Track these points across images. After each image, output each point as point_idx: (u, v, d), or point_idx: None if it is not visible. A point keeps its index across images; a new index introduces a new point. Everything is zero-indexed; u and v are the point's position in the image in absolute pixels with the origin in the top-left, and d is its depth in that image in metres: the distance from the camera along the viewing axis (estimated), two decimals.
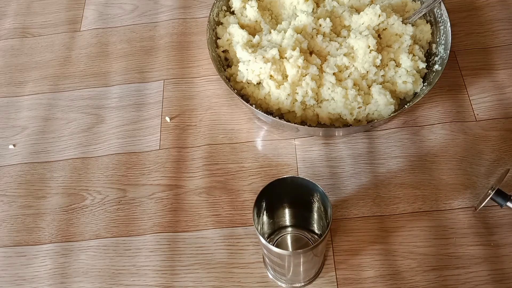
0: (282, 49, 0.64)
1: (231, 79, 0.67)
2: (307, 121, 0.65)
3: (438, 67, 0.65)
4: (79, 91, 0.74)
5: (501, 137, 0.64)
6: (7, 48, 0.80)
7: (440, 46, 0.67)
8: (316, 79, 0.63)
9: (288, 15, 0.72)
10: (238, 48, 0.65)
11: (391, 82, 0.65)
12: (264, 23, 0.70)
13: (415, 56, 0.66)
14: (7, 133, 0.71)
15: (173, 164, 0.66)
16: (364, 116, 0.63)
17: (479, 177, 0.61)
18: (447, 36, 0.66)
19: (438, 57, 0.66)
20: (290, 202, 0.53)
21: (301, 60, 0.62)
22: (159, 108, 0.71)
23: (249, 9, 0.70)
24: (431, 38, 0.69)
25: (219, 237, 0.60)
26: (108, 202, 0.63)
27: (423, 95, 0.62)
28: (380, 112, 0.63)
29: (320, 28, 0.67)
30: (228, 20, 0.71)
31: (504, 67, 0.71)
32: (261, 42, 0.67)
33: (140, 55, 0.77)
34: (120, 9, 0.83)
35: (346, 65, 0.65)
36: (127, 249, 0.60)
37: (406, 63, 0.65)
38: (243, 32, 0.67)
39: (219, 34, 0.71)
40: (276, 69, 0.63)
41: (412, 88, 0.64)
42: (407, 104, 0.64)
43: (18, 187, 0.66)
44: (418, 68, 0.66)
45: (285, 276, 0.54)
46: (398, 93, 0.65)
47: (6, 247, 0.61)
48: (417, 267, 0.56)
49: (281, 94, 0.63)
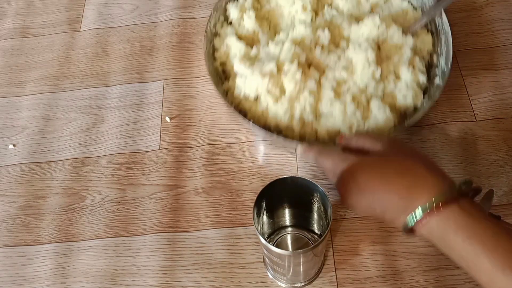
0: (280, 63, 0.63)
1: (229, 93, 0.66)
2: (306, 136, 0.63)
3: (439, 81, 0.63)
4: (79, 91, 0.74)
5: (501, 137, 0.64)
6: (7, 48, 0.80)
7: (441, 58, 0.65)
8: (315, 93, 0.62)
9: (287, 24, 0.70)
10: (236, 62, 0.64)
11: (390, 96, 0.63)
12: (262, 34, 0.69)
13: (416, 69, 0.64)
14: (7, 133, 0.71)
15: (173, 164, 0.66)
16: (363, 131, 0.61)
17: (479, 177, 0.61)
18: (448, 48, 0.64)
19: (439, 70, 0.64)
20: (290, 202, 0.53)
21: (299, 75, 0.61)
22: (159, 108, 0.71)
23: (247, 19, 0.69)
24: (432, 49, 0.67)
25: (219, 237, 0.60)
26: (108, 202, 0.63)
27: (423, 111, 0.60)
28: (379, 128, 0.61)
29: (319, 39, 0.65)
30: (226, 31, 0.69)
31: (504, 67, 0.71)
32: (259, 54, 0.66)
33: (140, 55, 0.77)
34: (120, 9, 0.83)
35: (344, 79, 0.63)
36: (127, 249, 0.60)
37: (406, 76, 0.63)
38: (241, 44, 0.66)
39: (216, 46, 0.69)
40: (273, 84, 0.61)
41: (412, 102, 0.62)
42: (407, 118, 0.62)
43: (18, 187, 0.66)
44: (418, 82, 0.64)
45: (285, 276, 0.54)
46: (398, 107, 0.63)
47: (6, 247, 0.61)
48: (417, 267, 0.56)
49: (279, 109, 0.61)
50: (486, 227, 0.39)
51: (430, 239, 0.42)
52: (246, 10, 0.70)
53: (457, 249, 0.40)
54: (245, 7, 0.71)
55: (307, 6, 0.69)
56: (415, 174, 0.43)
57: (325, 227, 0.48)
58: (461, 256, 0.40)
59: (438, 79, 0.63)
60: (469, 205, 0.41)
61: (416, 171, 0.43)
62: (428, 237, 0.42)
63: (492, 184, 0.61)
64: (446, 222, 0.40)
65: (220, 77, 0.68)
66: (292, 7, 0.70)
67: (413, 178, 0.43)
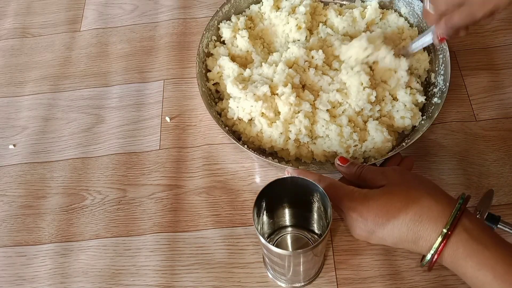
0: (273, 85, 0.62)
1: (222, 114, 0.65)
2: (302, 158, 0.62)
3: (437, 100, 0.62)
4: (79, 91, 0.74)
5: (501, 137, 0.64)
6: (7, 48, 0.80)
7: (439, 77, 0.64)
8: (309, 116, 0.61)
9: (281, 43, 0.70)
10: (229, 84, 0.63)
11: (388, 117, 0.63)
12: (256, 54, 0.68)
13: (413, 89, 0.63)
14: (7, 133, 0.71)
15: (173, 164, 0.66)
16: (361, 153, 0.61)
17: (479, 177, 0.61)
18: (447, 67, 0.63)
19: (437, 89, 0.63)
20: (290, 202, 0.53)
21: (293, 98, 0.60)
22: (159, 108, 0.71)
23: (240, 39, 0.68)
24: (429, 66, 0.67)
25: (219, 237, 0.60)
26: (108, 202, 0.63)
27: (422, 131, 0.59)
28: (377, 149, 0.60)
29: (313, 60, 0.65)
30: (219, 51, 0.69)
31: (504, 67, 0.71)
32: (252, 76, 0.65)
33: (140, 55, 0.77)
34: (120, 9, 0.83)
35: (339, 101, 0.62)
36: (127, 249, 0.60)
37: (404, 98, 0.62)
38: (234, 65, 0.65)
39: (209, 66, 0.68)
40: (267, 107, 0.61)
41: (411, 123, 0.62)
42: (405, 139, 0.62)
43: (18, 187, 0.66)
44: (416, 102, 0.63)
45: (285, 276, 0.54)
46: (395, 128, 0.63)
47: (6, 247, 0.61)
48: (417, 267, 0.56)
49: (273, 132, 0.60)
50: (495, 252, 0.41)
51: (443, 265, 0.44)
52: (239, 29, 0.70)
53: (469, 276, 0.42)
54: (238, 27, 0.70)
55: (301, 25, 0.69)
56: (421, 205, 0.44)
57: (325, 227, 0.48)
58: (473, 283, 0.42)
59: (436, 99, 0.63)
60: (473, 226, 0.43)
61: (421, 201, 0.44)
62: (441, 263, 0.44)
63: (492, 184, 0.61)
64: (456, 250, 0.42)
65: (214, 97, 0.67)
66: (286, 25, 0.69)
67: (419, 210, 0.44)
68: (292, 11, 0.70)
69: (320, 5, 0.73)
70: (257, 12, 0.73)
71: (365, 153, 0.61)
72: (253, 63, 0.68)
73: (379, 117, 0.63)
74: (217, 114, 0.64)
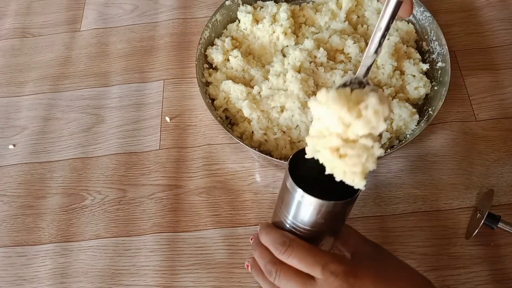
0: (287, 94, 0.62)
1: (244, 136, 0.64)
2: None
3: (441, 64, 0.65)
4: (79, 91, 0.74)
5: (501, 137, 0.64)
6: (7, 48, 0.80)
7: (432, 43, 0.68)
8: None
9: (271, 53, 0.70)
10: (245, 107, 0.62)
11: (402, 92, 0.65)
12: (255, 70, 0.67)
13: (416, 60, 0.67)
14: (7, 133, 0.71)
15: (173, 164, 0.66)
16: (393, 134, 0.62)
17: (479, 177, 0.61)
18: (438, 31, 0.67)
19: (436, 54, 0.67)
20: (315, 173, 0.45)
21: None
22: (159, 108, 0.71)
23: (233, 60, 0.68)
24: (417, 36, 0.70)
25: (219, 237, 0.60)
26: (108, 202, 0.63)
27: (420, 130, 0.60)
28: (407, 125, 0.62)
29: (316, 59, 0.66)
30: (216, 78, 0.68)
31: (504, 67, 0.70)
32: (262, 91, 0.65)
33: (140, 55, 0.77)
34: (120, 9, 0.83)
35: None
36: (127, 249, 0.60)
37: (410, 68, 0.65)
38: (240, 86, 0.65)
39: (212, 95, 0.67)
40: None
41: (425, 91, 0.64)
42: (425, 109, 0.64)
43: (18, 187, 0.66)
44: (421, 70, 0.66)
45: None
46: (412, 101, 0.65)
47: (6, 247, 0.61)
48: (417, 267, 0.56)
49: None
50: None
51: None
52: (228, 51, 0.69)
53: None
54: (226, 48, 0.70)
55: (287, 30, 0.69)
56: (407, 269, 0.45)
57: None
58: None
59: (440, 62, 0.65)
60: None
61: (406, 266, 0.45)
62: None
63: (492, 184, 0.61)
64: None
65: (225, 124, 0.65)
66: (272, 35, 0.70)
67: (410, 274, 0.45)
68: (274, 20, 0.71)
69: (296, 7, 0.74)
70: (236, 30, 0.73)
71: (397, 131, 0.62)
72: (254, 79, 0.67)
73: (395, 96, 0.64)
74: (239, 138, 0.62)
